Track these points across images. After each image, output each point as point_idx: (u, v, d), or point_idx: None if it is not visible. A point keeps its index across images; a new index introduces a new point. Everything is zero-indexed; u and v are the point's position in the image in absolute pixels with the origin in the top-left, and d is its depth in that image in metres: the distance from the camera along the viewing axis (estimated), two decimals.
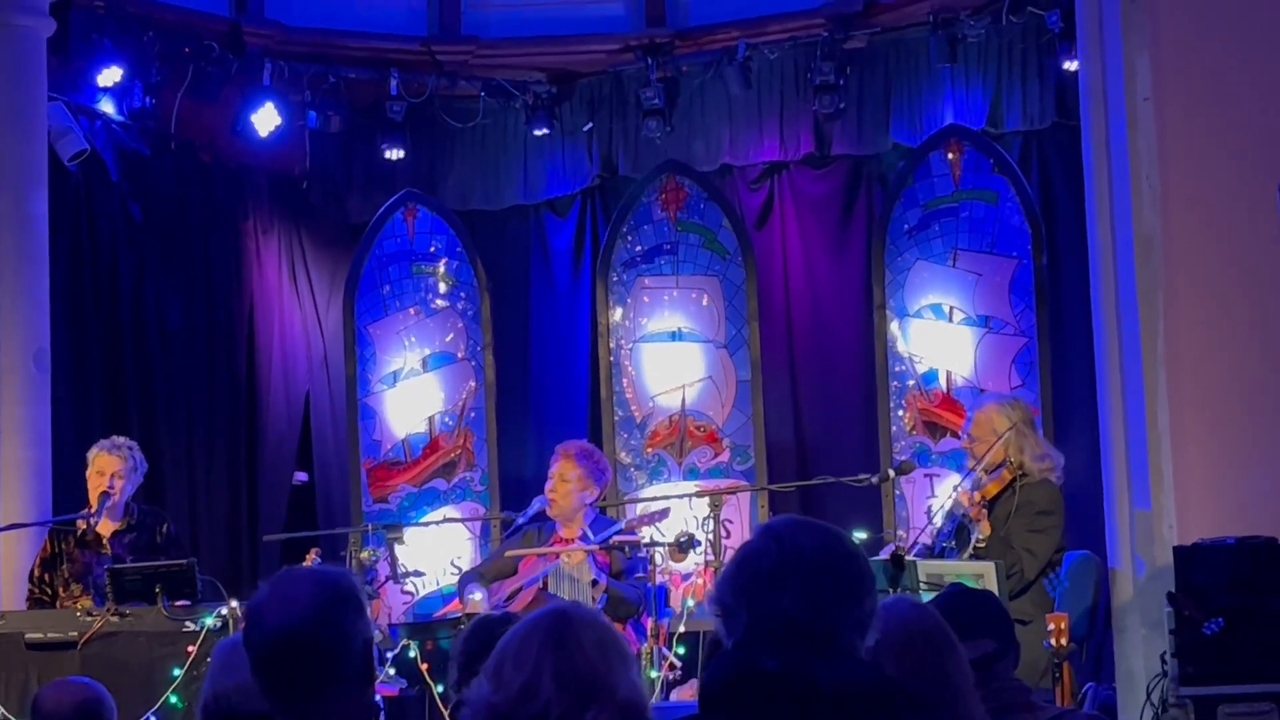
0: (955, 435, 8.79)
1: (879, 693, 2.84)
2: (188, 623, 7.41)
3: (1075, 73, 7.84)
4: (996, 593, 6.63)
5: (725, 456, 9.74)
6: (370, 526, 9.04)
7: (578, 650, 3.33)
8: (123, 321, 9.97)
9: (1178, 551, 6.29)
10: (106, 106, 9.75)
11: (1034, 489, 7.45)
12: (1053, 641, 6.06)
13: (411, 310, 10.33)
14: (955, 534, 7.52)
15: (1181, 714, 6.07)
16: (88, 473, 8.08)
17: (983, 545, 7.25)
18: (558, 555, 7.96)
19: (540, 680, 3.30)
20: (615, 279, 9.99)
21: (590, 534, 8.04)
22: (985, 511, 7.34)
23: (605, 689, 3.32)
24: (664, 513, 8.37)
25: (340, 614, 3.09)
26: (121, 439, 8.22)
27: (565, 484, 8.15)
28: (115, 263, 9.94)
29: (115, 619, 7.41)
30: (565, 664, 3.31)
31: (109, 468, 8.03)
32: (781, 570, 2.93)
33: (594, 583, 7.80)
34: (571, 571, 7.88)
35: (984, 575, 6.94)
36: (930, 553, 7.56)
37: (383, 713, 6.58)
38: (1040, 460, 7.54)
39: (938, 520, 7.84)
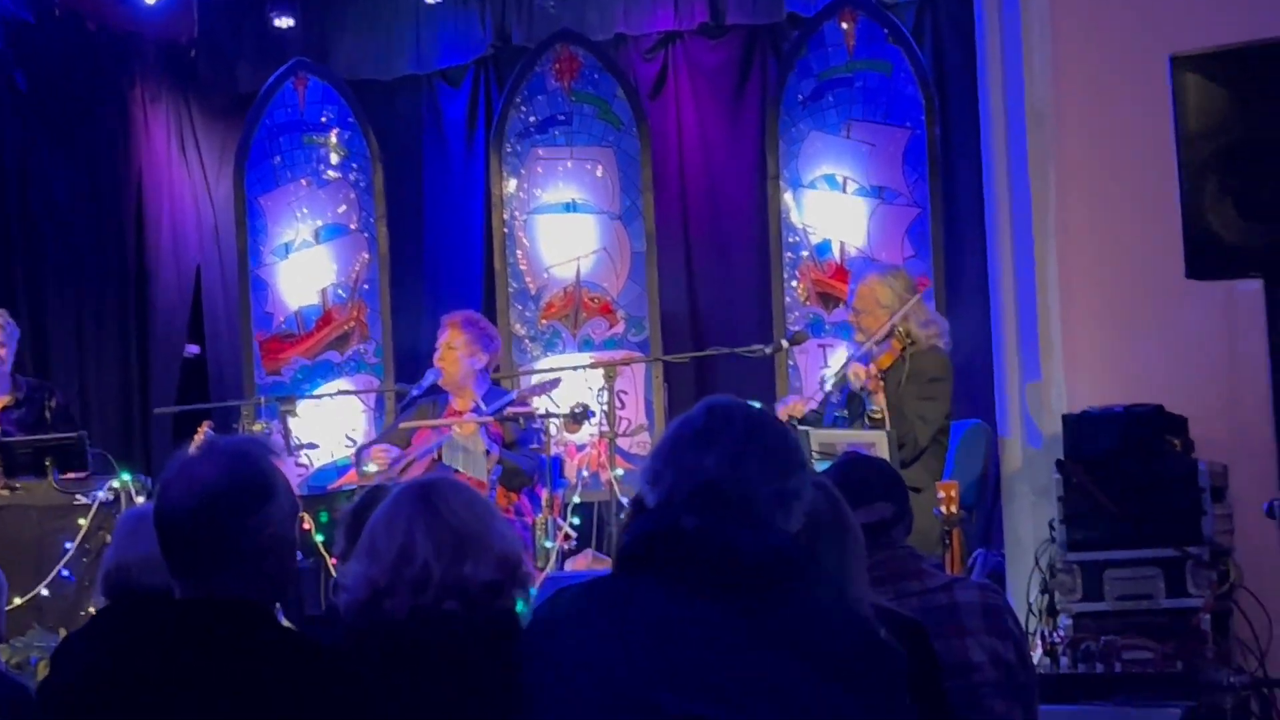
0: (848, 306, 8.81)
1: (796, 563, 2.85)
2: (79, 496, 7.35)
3: None
4: (888, 460, 6.69)
5: (620, 328, 9.73)
6: (263, 399, 9.02)
7: (447, 510, 3.36)
8: (8, 192, 9.81)
9: (1066, 420, 6.35)
10: None
11: (923, 356, 7.50)
12: (943, 509, 6.11)
13: (303, 181, 10.22)
14: (847, 403, 7.56)
15: (1068, 579, 6.16)
16: None
17: (879, 415, 7.29)
18: (450, 427, 7.96)
19: (414, 543, 3.33)
20: (509, 150, 9.91)
21: (483, 405, 8.04)
22: (882, 383, 7.38)
23: (479, 542, 3.35)
24: (554, 383, 8.37)
25: (241, 495, 3.06)
26: None
27: (452, 351, 8.15)
28: (0, 132, 9.76)
29: (5, 493, 7.34)
30: (437, 523, 3.34)
31: None
32: (709, 433, 2.95)
33: (486, 453, 7.80)
34: (465, 443, 7.87)
35: (876, 444, 6.99)
36: (822, 422, 7.60)
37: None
38: (927, 327, 7.58)
39: (829, 389, 7.88)
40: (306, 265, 10.18)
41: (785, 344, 8.20)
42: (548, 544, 7.47)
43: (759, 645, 2.76)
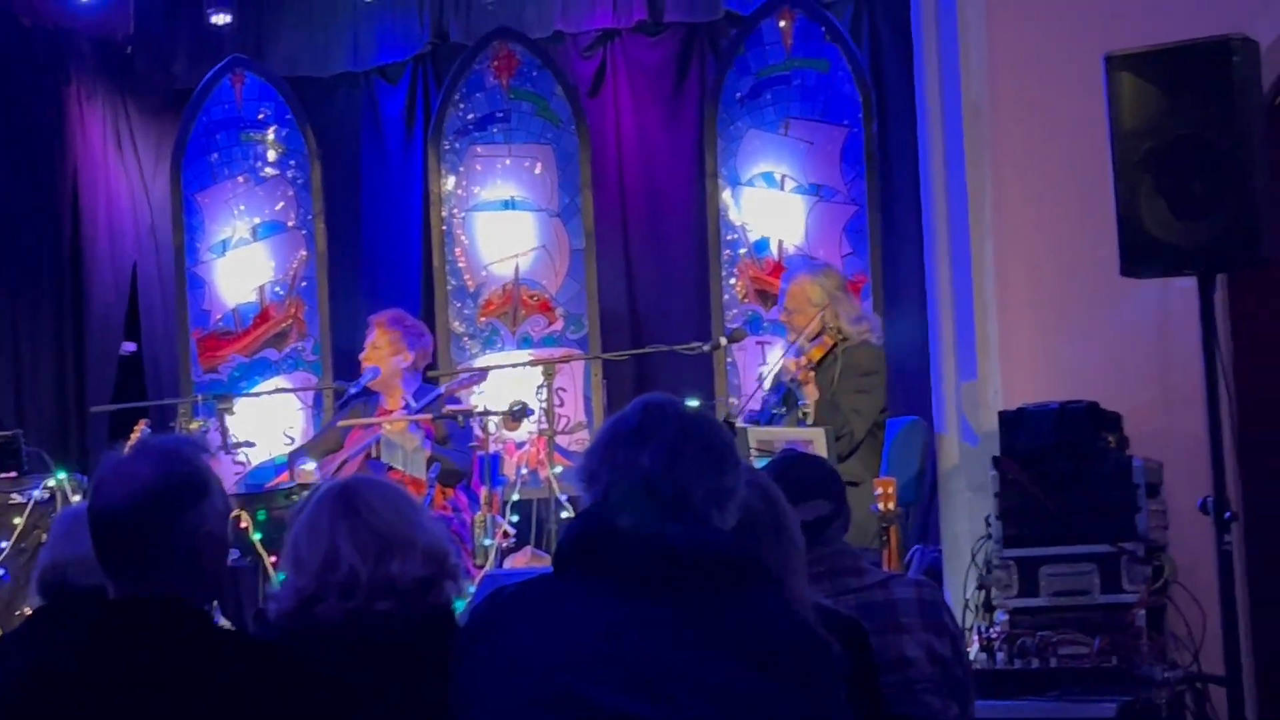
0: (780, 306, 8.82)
1: (734, 561, 2.86)
2: (14, 494, 7.29)
3: None
4: (826, 457, 6.71)
5: (559, 325, 9.72)
6: (200, 397, 8.97)
7: (368, 510, 3.35)
8: None
9: (1003, 416, 6.37)
10: None
11: (855, 351, 7.55)
12: (880, 505, 6.13)
13: (240, 178, 10.18)
14: (783, 400, 7.60)
15: (1005, 575, 6.18)
16: None
17: (810, 409, 7.33)
18: (382, 426, 7.96)
19: (338, 547, 3.32)
20: (447, 147, 9.89)
21: (413, 402, 8.05)
22: (812, 374, 7.41)
23: (404, 539, 3.35)
24: (480, 376, 8.39)
25: (176, 493, 3.05)
26: None
27: (377, 351, 8.20)
28: None
29: None
30: (358, 525, 3.33)
31: None
32: (644, 429, 2.95)
33: (416, 449, 7.80)
34: (398, 440, 7.86)
35: (814, 441, 7.02)
36: (759, 419, 7.63)
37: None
38: (857, 323, 7.64)
39: (766, 386, 7.91)
40: (244, 262, 10.14)
41: (724, 341, 8.23)
42: (487, 542, 7.48)
43: (697, 644, 2.76)
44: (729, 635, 2.77)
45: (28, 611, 4.75)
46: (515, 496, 7.88)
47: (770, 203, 9.30)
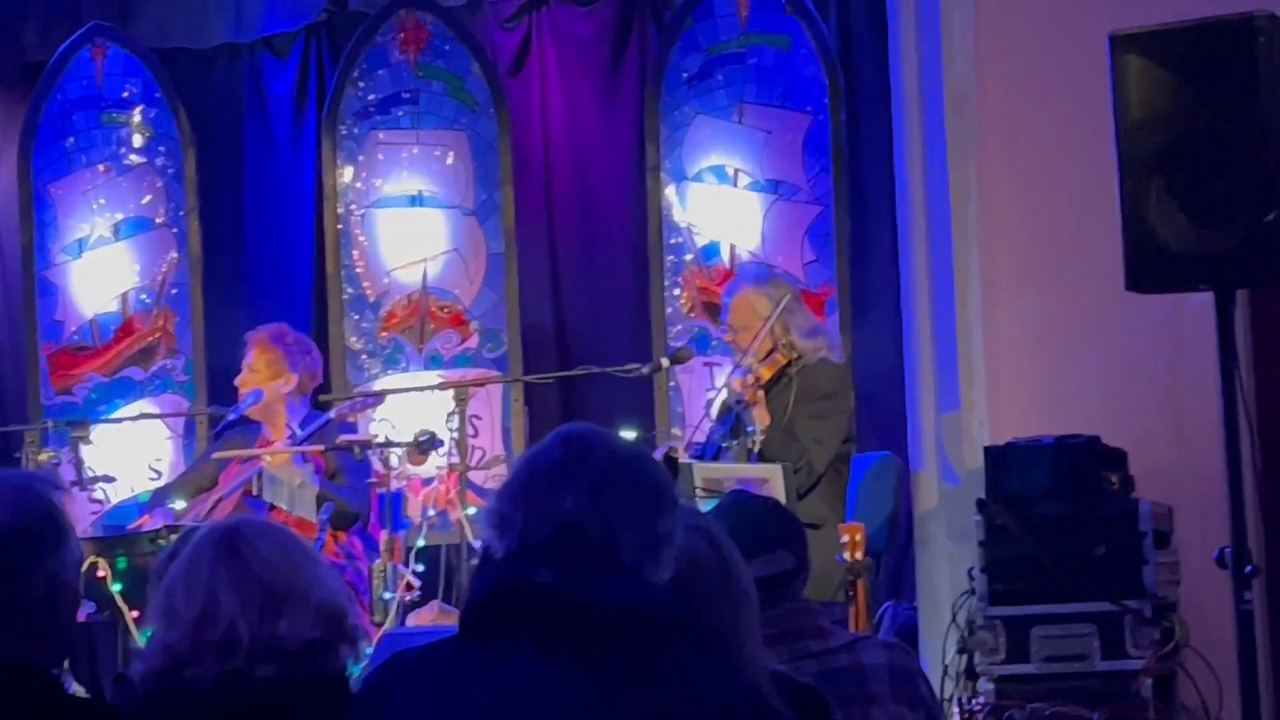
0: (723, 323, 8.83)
1: (671, 620, 2.85)
2: None
3: None
4: (784, 499, 6.72)
5: (473, 342, 9.72)
6: (51, 423, 8.92)
7: (255, 559, 3.33)
8: None
9: (989, 452, 6.40)
10: None
11: (812, 371, 7.57)
12: (847, 555, 6.13)
13: (101, 167, 10.13)
14: (732, 431, 7.60)
15: (990, 636, 6.20)
16: None
17: (762, 438, 7.33)
18: (263, 458, 7.93)
19: (218, 600, 3.29)
20: (344, 133, 9.87)
21: (299, 431, 8.02)
22: (761, 394, 7.43)
23: (296, 594, 3.33)
24: (377, 400, 8.37)
25: (33, 538, 3.03)
26: None
27: (254, 374, 8.17)
28: None
29: None
30: (244, 576, 3.31)
31: None
32: (565, 469, 2.93)
33: (302, 485, 7.77)
34: (281, 475, 7.83)
35: (769, 479, 7.02)
36: (705, 453, 7.63)
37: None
38: (812, 338, 7.66)
39: (714, 414, 7.92)
40: (104, 265, 10.09)
41: (666, 362, 8.23)
42: (386, 595, 7.45)
43: (626, 716, 2.75)
44: (665, 708, 2.76)
45: None
46: (420, 542, 7.86)
47: (721, 201, 9.32)
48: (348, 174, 9.89)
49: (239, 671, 3.28)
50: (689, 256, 9.36)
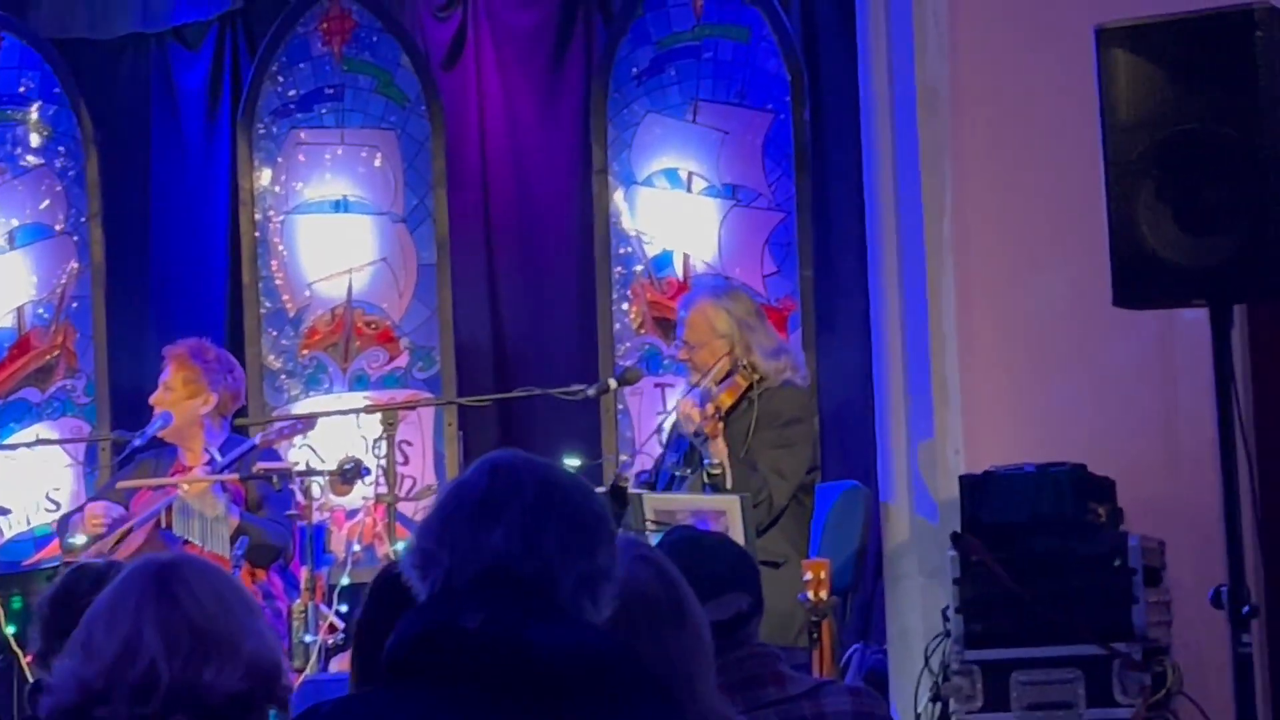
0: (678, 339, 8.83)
1: (613, 665, 2.84)
2: None
3: None
4: (742, 534, 6.72)
5: (403, 361, 9.70)
6: None
7: (188, 599, 3.32)
8: None
9: (965, 482, 6.41)
10: None
11: (775, 395, 7.56)
12: (810, 594, 6.12)
13: None
14: (686, 459, 7.60)
15: (966, 683, 6.21)
16: None
17: (718, 471, 7.33)
18: (178, 487, 7.89)
19: (141, 637, 3.28)
20: (262, 132, 9.86)
21: (218, 457, 7.98)
22: (721, 426, 7.41)
23: (227, 642, 3.31)
24: (307, 424, 8.34)
25: None
26: None
27: (170, 393, 8.12)
28: None
29: None
30: (173, 615, 3.30)
31: None
32: (494, 502, 2.92)
33: (217, 519, 7.75)
34: (196, 505, 7.80)
35: (726, 511, 7.02)
36: (655, 483, 7.63)
37: None
38: (774, 357, 7.65)
39: (664, 439, 7.92)
40: None
41: (613, 384, 8.22)
42: (308, 638, 7.43)
43: None
44: None
45: None
46: (345, 580, 7.85)
47: (674, 207, 9.32)
48: (265, 177, 9.87)
49: (153, 717, 3.27)
50: (639, 268, 9.36)
